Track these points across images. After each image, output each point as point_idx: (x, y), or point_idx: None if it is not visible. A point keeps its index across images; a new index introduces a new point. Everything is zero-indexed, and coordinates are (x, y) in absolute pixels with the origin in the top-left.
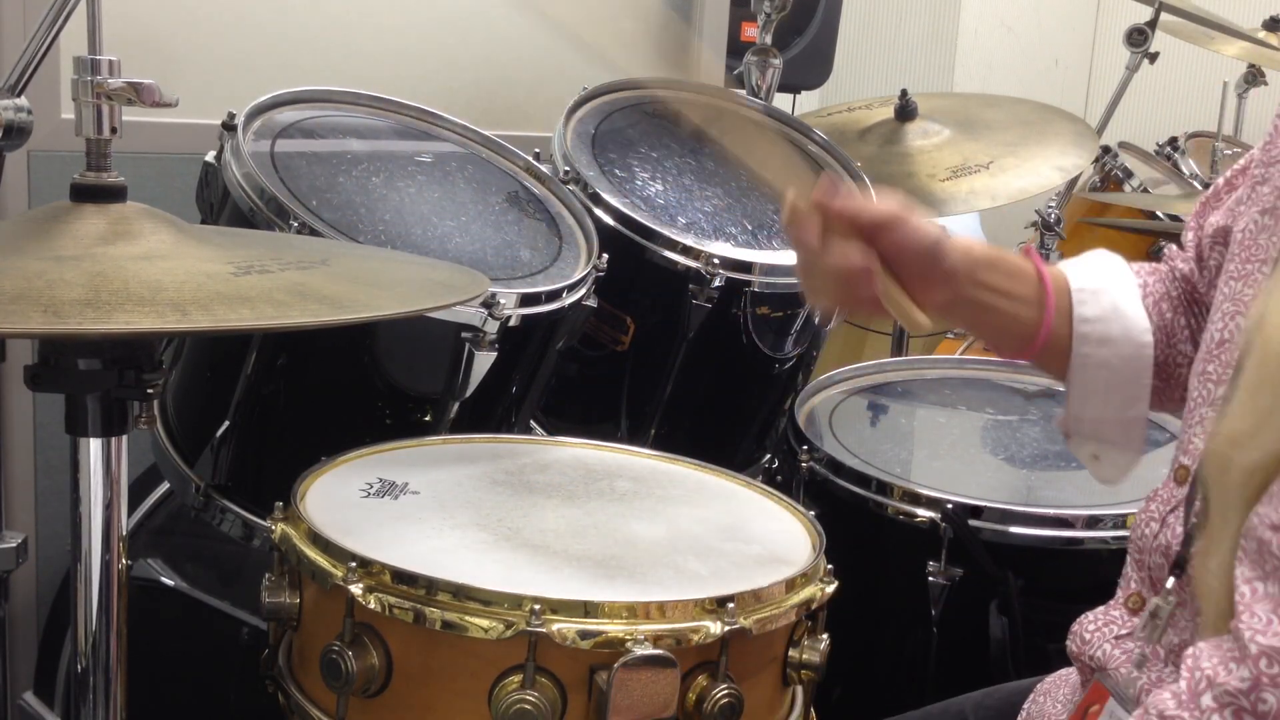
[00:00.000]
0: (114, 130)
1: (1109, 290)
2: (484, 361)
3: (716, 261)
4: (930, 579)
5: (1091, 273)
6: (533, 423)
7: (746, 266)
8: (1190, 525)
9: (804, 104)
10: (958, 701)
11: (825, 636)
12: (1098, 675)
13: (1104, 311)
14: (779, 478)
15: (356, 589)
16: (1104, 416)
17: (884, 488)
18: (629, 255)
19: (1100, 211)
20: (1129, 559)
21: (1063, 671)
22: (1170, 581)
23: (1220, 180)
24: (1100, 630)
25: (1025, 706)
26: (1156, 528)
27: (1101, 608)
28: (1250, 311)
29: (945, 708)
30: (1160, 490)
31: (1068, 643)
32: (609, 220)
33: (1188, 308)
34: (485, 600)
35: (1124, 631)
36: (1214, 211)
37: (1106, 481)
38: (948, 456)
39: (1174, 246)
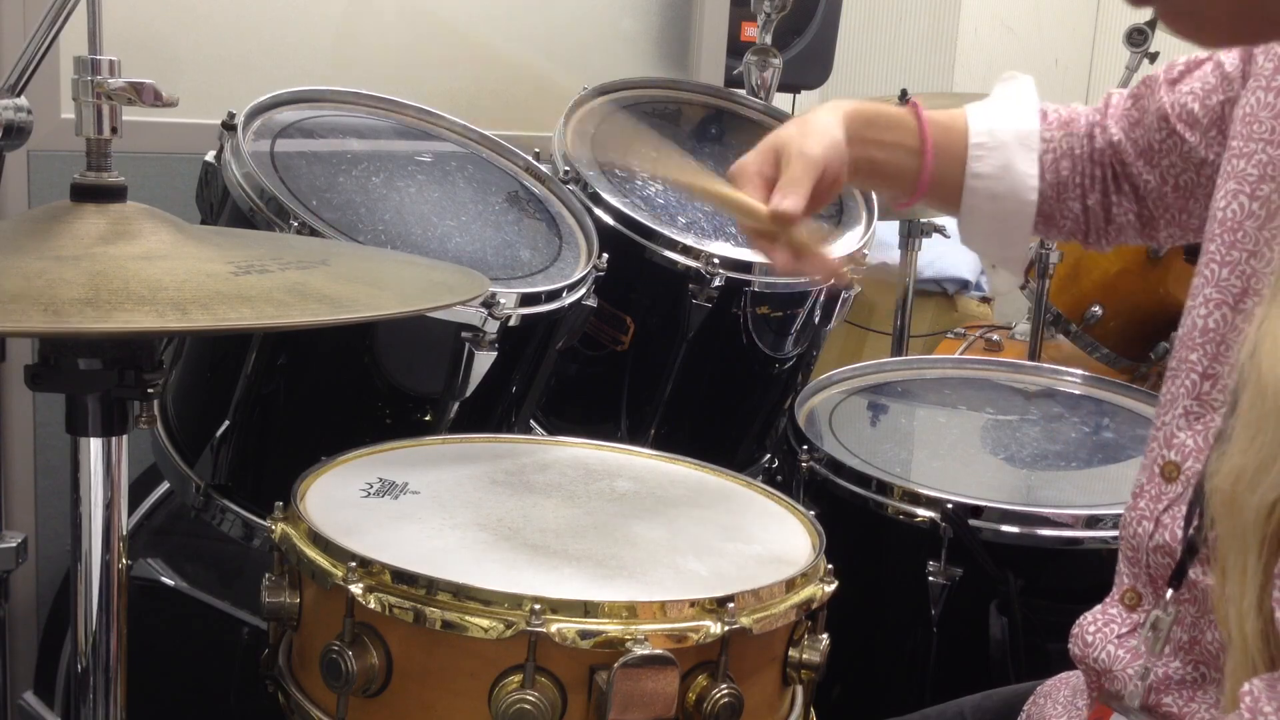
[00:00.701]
0: (114, 130)
1: (1006, 146)
2: (484, 361)
3: (716, 261)
4: (930, 579)
5: (994, 124)
6: (533, 423)
7: (746, 266)
8: (1190, 534)
9: (804, 104)
10: (956, 704)
11: (825, 636)
12: (1105, 699)
13: (995, 169)
14: (779, 478)
15: (356, 589)
16: (987, 250)
17: (884, 488)
18: (629, 255)
19: None
20: (1121, 556)
21: (1063, 674)
22: (1169, 593)
23: (1180, 63)
24: (1101, 631)
25: (1025, 709)
26: (1150, 527)
27: (1099, 606)
28: (1243, 342)
29: (942, 710)
30: (1147, 486)
31: (1070, 646)
32: (609, 220)
33: (1091, 166)
34: (485, 600)
35: (1125, 630)
36: (1165, 92)
37: (996, 292)
38: (948, 456)
39: (1113, 96)
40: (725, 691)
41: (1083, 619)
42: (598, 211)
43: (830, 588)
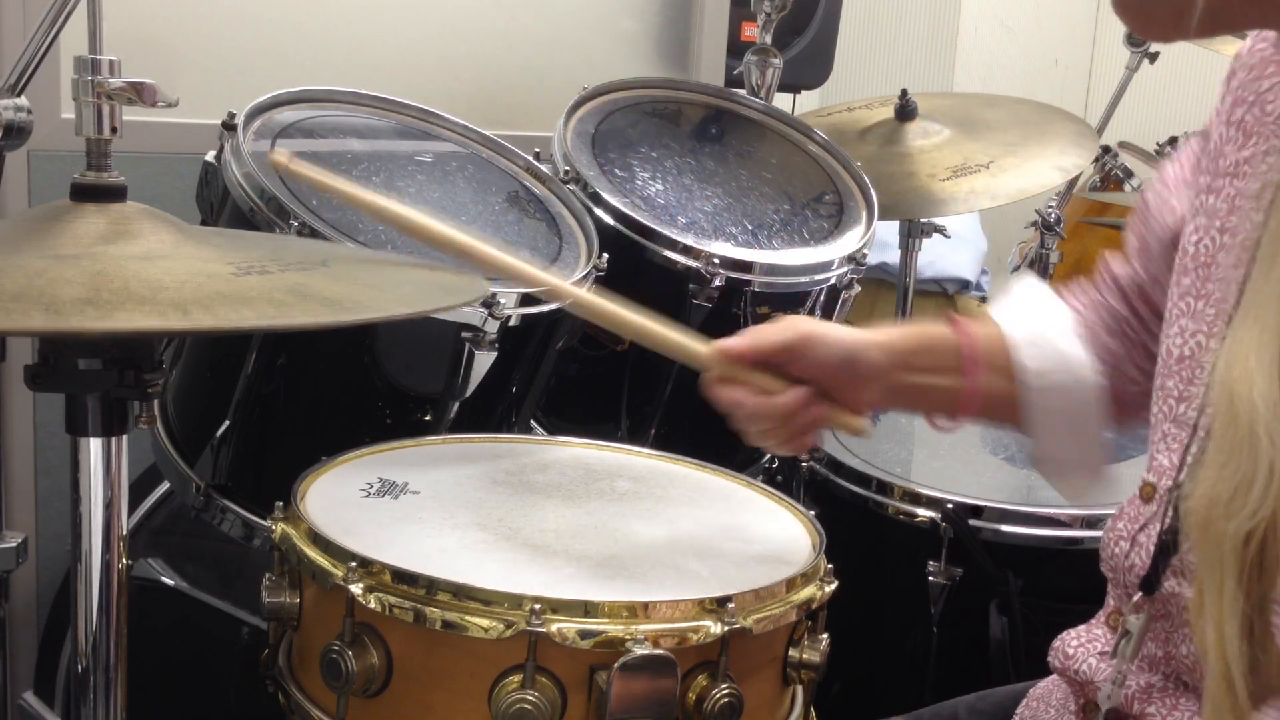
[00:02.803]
0: (114, 130)
1: (1050, 337)
2: (484, 361)
3: (716, 261)
4: (930, 579)
5: (1029, 320)
6: (533, 423)
7: (747, 266)
8: (1163, 539)
9: (804, 104)
10: (950, 705)
11: (825, 636)
12: (1089, 708)
13: (1051, 363)
14: (779, 478)
15: (356, 589)
16: (1066, 451)
17: (884, 487)
18: (629, 255)
19: (1100, 211)
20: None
21: (1055, 676)
22: (1138, 595)
23: (1166, 169)
24: (1084, 646)
25: (1019, 711)
26: (1127, 547)
27: (1084, 625)
28: (1213, 368)
29: (937, 711)
30: (1127, 508)
31: (1050, 659)
32: (609, 220)
33: (1122, 332)
34: (485, 600)
35: (1107, 649)
36: (1153, 220)
37: (1073, 499)
38: (948, 456)
39: (1108, 260)
40: (725, 691)
41: (1064, 635)
42: (598, 211)
43: (830, 588)
